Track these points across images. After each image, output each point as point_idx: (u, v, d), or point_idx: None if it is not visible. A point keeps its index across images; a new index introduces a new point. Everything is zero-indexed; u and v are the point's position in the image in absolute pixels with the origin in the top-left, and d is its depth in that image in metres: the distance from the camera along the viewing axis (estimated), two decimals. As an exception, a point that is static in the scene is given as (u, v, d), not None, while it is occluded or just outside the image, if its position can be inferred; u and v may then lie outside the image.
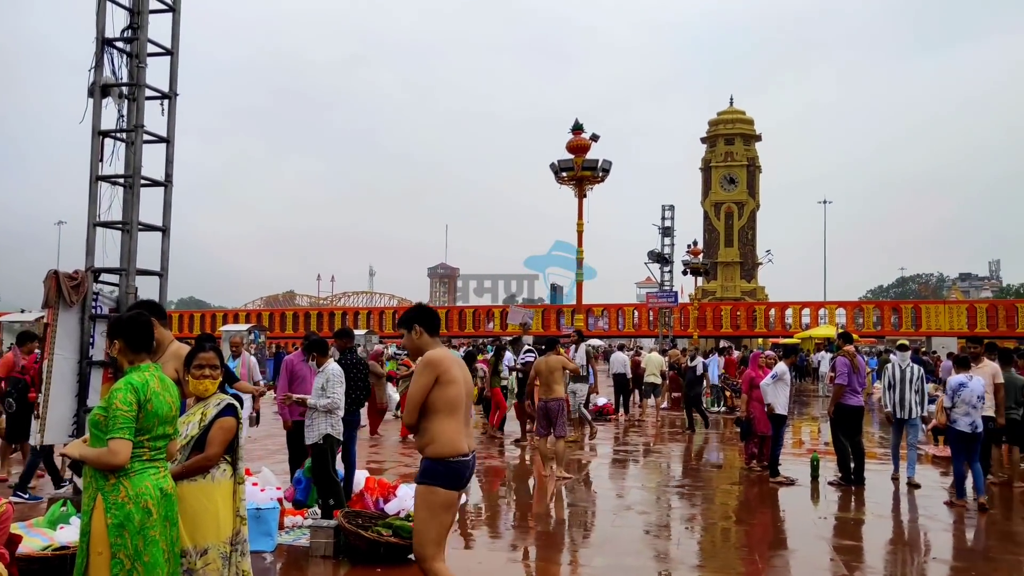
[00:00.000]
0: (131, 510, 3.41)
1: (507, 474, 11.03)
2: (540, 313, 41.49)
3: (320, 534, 6.45)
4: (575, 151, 18.36)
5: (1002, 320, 34.78)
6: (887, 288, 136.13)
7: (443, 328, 42.71)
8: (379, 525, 6.49)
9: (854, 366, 10.11)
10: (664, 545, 7.21)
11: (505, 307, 43.93)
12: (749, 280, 54.38)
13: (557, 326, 39.30)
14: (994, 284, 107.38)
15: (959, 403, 8.99)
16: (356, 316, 47.83)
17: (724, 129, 55.32)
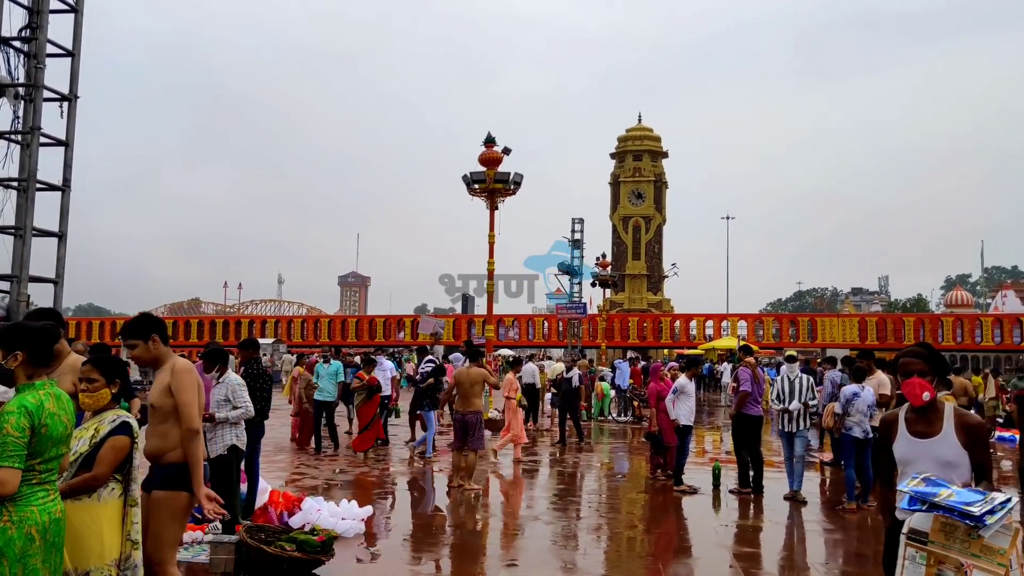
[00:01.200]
0: (13, 536, 3.18)
1: (417, 486, 10.97)
2: (451, 323, 41.45)
3: (220, 550, 6.24)
4: (487, 163, 18.46)
5: (890, 333, 36.66)
6: (785, 301, 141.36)
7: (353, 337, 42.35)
8: (283, 539, 6.31)
9: (755, 376, 10.48)
10: (571, 555, 7.30)
11: (416, 317, 43.69)
12: (655, 292, 55.61)
13: (468, 336, 39.33)
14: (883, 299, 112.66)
15: (853, 412, 9.39)
16: (264, 325, 46.71)
17: (632, 145, 56.52)
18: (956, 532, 3.13)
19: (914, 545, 3.24)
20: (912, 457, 3.63)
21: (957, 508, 3.10)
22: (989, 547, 3.05)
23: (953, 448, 3.56)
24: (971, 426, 3.61)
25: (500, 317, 38.04)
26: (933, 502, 3.18)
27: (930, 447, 3.60)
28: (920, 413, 3.68)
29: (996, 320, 37.68)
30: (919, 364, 3.69)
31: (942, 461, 3.55)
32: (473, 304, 54.91)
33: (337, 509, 7.79)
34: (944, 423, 3.62)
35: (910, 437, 3.67)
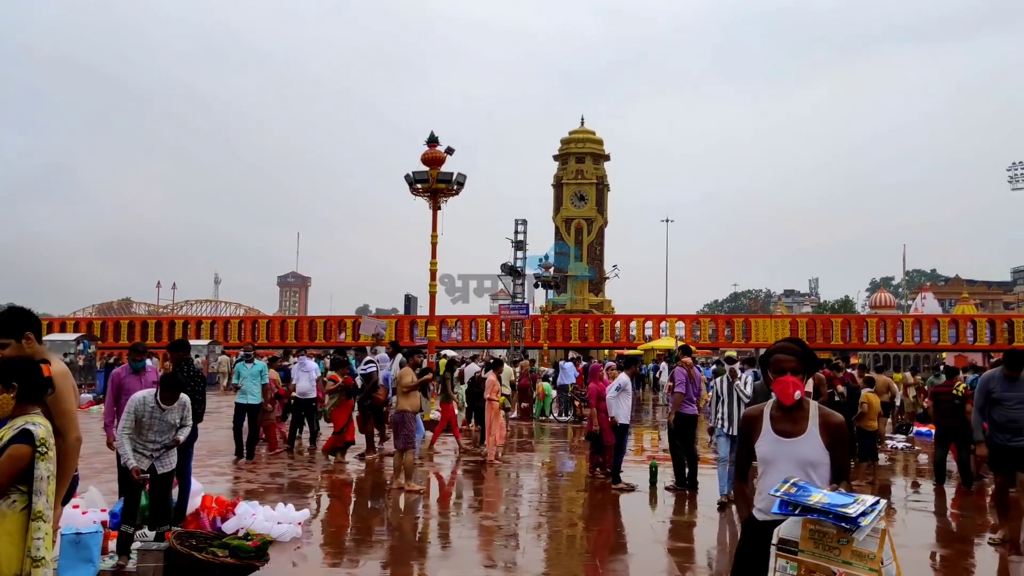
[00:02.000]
0: None
1: (356, 488, 10.94)
2: (393, 324, 41.22)
3: (148, 558, 6.03)
4: (430, 163, 18.45)
5: (819, 333, 37.73)
6: (722, 303, 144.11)
7: (292, 338, 41.78)
8: (215, 545, 6.19)
9: (691, 376, 10.73)
10: (511, 554, 7.38)
11: (357, 317, 43.32)
12: (597, 294, 56.13)
13: (411, 337, 39.13)
14: (813, 300, 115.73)
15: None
16: (199, 326, 45.75)
17: (575, 148, 56.94)
18: (826, 539, 3.04)
19: (784, 555, 3.12)
20: (774, 456, 3.53)
21: (832, 511, 3.02)
22: (859, 552, 2.99)
23: (816, 448, 3.47)
24: (834, 426, 3.52)
25: (443, 318, 37.98)
26: (806, 505, 3.09)
27: (793, 447, 3.49)
28: (786, 412, 3.55)
29: (916, 321, 39.05)
30: (792, 362, 3.56)
31: (804, 461, 3.46)
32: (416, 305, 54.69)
33: (273, 513, 7.69)
34: (809, 423, 3.51)
35: (774, 436, 3.54)
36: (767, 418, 3.60)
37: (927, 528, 9.11)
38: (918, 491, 11.64)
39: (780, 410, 3.57)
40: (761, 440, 3.58)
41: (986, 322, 38.29)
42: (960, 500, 10.55)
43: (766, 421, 3.60)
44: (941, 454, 11.57)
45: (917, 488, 11.91)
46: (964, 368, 15.66)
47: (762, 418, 3.62)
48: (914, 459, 14.85)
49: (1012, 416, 7.42)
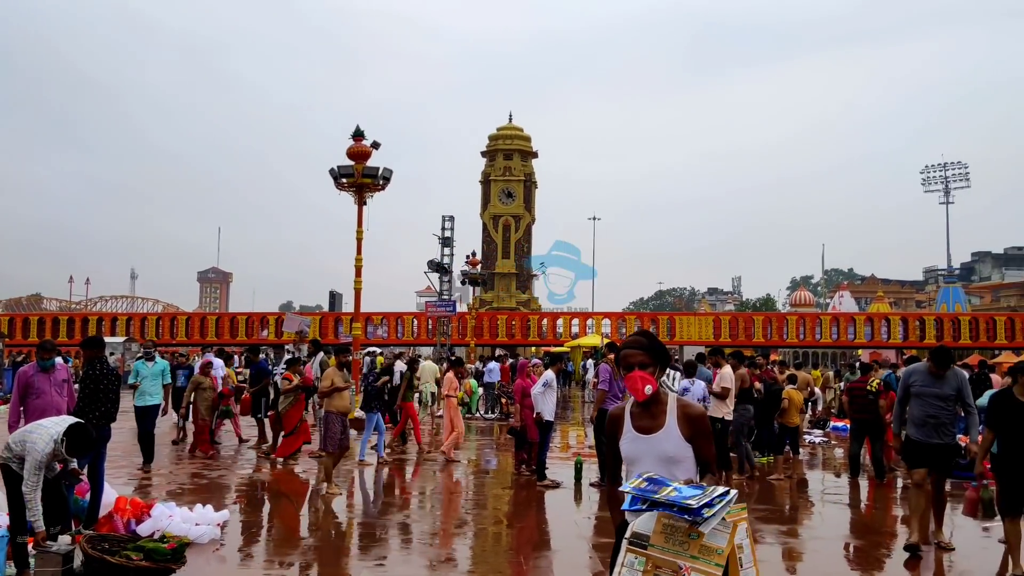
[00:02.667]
0: None
1: (278, 489, 10.69)
2: (317, 321, 40.55)
3: (48, 561, 5.70)
4: (355, 157, 18.16)
5: (741, 330, 38.68)
6: (647, 300, 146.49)
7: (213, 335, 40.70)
8: (129, 549, 5.96)
9: (616, 373, 10.81)
10: (436, 552, 7.32)
11: (281, 314, 42.48)
12: (524, 291, 56.34)
13: (335, 334, 38.57)
14: (736, 298, 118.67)
15: None
16: (114, 322, 44.15)
17: (503, 144, 56.97)
18: (677, 534, 2.97)
19: (634, 550, 3.05)
20: (636, 454, 3.42)
21: (676, 503, 2.95)
22: (708, 547, 2.92)
23: (676, 442, 3.37)
24: (693, 417, 3.41)
25: (368, 315, 37.51)
26: (654, 500, 3.02)
27: (653, 443, 3.39)
28: (643, 407, 3.44)
29: (834, 319, 40.39)
30: (640, 355, 3.43)
31: (665, 457, 3.36)
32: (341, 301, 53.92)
33: (191, 514, 7.46)
34: (667, 416, 3.41)
35: (635, 433, 3.44)
36: (628, 416, 3.50)
37: (842, 520, 9.38)
38: (835, 484, 12.00)
39: (638, 406, 3.47)
40: (624, 439, 3.48)
41: (899, 320, 39.81)
42: (873, 492, 10.90)
43: (627, 419, 3.49)
44: (856, 448, 11.94)
45: (832, 481, 12.27)
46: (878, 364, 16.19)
47: (624, 416, 3.52)
48: (831, 453, 15.32)
49: (930, 412, 7.22)
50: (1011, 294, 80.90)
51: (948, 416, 7.23)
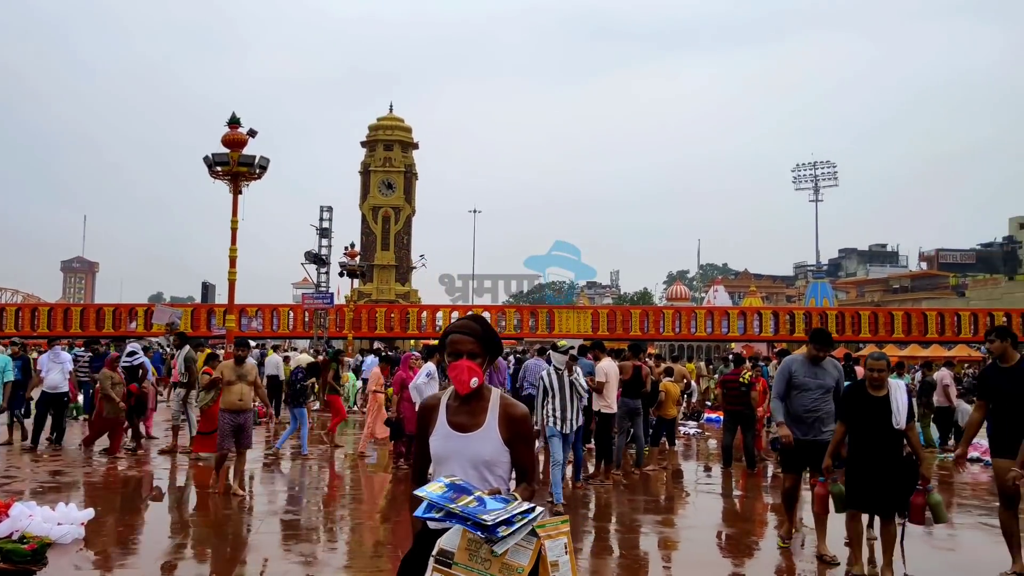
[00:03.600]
0: None
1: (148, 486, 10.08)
2: (189, 312, 38.83)
3: None
4: (231, 145, 17.44)
5: (619, 324, 39.59)
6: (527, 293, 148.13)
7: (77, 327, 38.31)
8: (-18, 551, 5.56)
9: (494, 367, 10.76)
10: (311, 548, 7.08)
11: (150, 305, 40.45)
12: (404, 283, 55.80)
13: (208, 326, 37.05)
14: (614, 292, 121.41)
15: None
16: (-38, 313, 40.85)
17: (383, 135, 56.20)
18: (481, 550, 2.68)
19: (440, 569, 2.74)
20: (448, 453, 3.04)
21: (471, 516, 2.64)
22: (509, 565, 2.66)
23: (494, 444, 3.03)
24: (516, 418, 3.07)
25: (242, 307, 36.20)
26: (448, 509, 2.70)
27: (468, 443, 3.02)
28: (463, 402, 3.06)
29: (708, 312, 41.92)
30: (471, 344, 3.06)
31: (480, 459, 3.01)
32: (214, 293, 51.93)
33: (52, 514, 6.96)
34: (487, 415, 3.05)
35: (449, 430, 3.05)
36: (443, 409, 3.11)
37: (715, 509, 9.65)
38: (708, 474, 12.37)
39: (457, 400, 3.09)
40: (435, 435, 3.09)
41: (771, 314, 41.67)
42: (745, 482, 11.28)
43: (442, 413, 3.10)
44: (728, 439, 12.33)
45: (707, 471, 12.65)
46: (750, 357, 16.80)
47: (438, 409, 3.12)
48: (704, 444, 15.82)
49: (810, 406, 6.78)
50: (875, 289, 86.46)
51: (828, 408, 6.81)
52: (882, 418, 6.00)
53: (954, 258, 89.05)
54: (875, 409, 6.05)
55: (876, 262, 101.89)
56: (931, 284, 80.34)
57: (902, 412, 5.99)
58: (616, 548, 7.51)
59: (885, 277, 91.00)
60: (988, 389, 6.48)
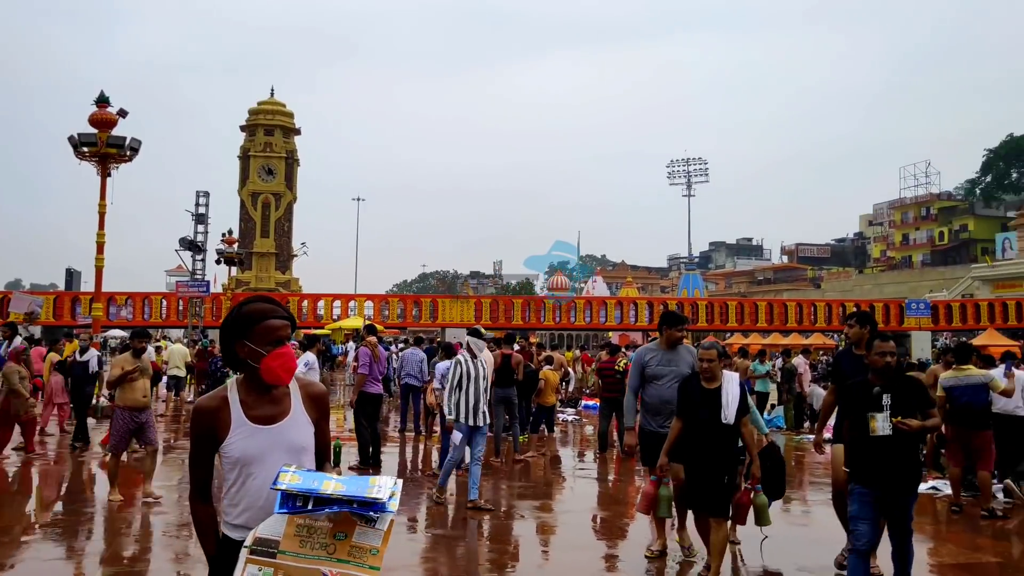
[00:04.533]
0: None
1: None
2: (51, 301, 36.67)
3: None
4: (99, 125, 16.63)
5: (501, 313, 40.00)
6: (411, 283, 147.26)
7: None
8: None
9: (375, 356, 10.78)
10: (183, 545, 6.92)
11: (7, 293, 37.95)
12: (284, 271, 54.53)
13: (73, 315, 35.10)
14: (497, 281, 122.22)
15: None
16: None
17: (264, 119, 54.65)
18: (316, 535, 2.48)
19: (259, 560, 2.47)
20: (258, 451, 2.73)
21: (358, 498, 2.48)
22: (359, 547, 2.49)
23: (305, 428, 2.84)
24: (318, 396, 2.92)
25: (111, 295, 34.49)
26: (320, 496, 2.48)
27: (281, 433, 2.78)
28: (262, 392, 2.80)
29: (587, 303, 42.90)
30: (288, 329, 2.85)
31: (297, 447, 2.79)
32: (79, 280, 49.18)
33: None
34: (292, 399, 2.85)
35: (253, 426, 2.74)
36: (236, 406, 2.78)
37: (591, 493, 10.01)
38: (583, 460, 12.77)
39: (252, 393, 2.81)
40: (233, 436, 2.74)
41: (646, 304, 43.02)
42: (619, 467, 11.71)
43: (235, 410, 2.77)
44: (604, 425, 12.76)
45: (583, 457, 13.06)
46: (626, 346, 17.41)
47: (227, 408, 2.78)
48: (581, 431, 16.28)
49: (667, 396, 6.35)
50: (741, 281, 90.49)
51: None
52: (714, 412, 5.64)
53: (811, 252, 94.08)
54: (707, 402, 5.69)
55: (743, 255, 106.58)
56: (791, 276, 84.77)
57: (731, 406, 5.65)
58: (495, 533, 7.70)
59: (751, 269, 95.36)
60: (840, 374, 6.44)
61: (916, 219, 73.72)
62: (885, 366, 5.16)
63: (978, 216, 68.78)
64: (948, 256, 67.35)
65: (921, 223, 73.02)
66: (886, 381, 5.16)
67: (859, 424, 5.17)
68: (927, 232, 71.88)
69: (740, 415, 5.71)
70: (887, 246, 78.37)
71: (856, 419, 5.23)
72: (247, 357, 2.78)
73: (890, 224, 78.57)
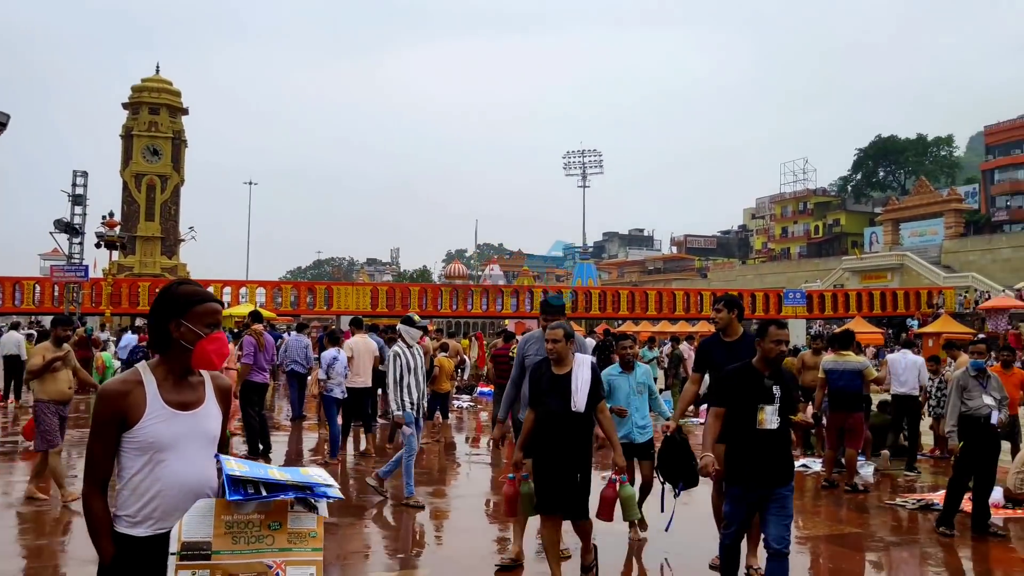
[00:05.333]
0: None
1: None
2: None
3: None
4: (-38, 97, 15.63)
5: (398, 301, 39.73)
6: (305, 269, 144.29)
7: None
8: None
9: (260, 344, 10.54)
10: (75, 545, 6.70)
11: None
12: (171, 256, 52.48)
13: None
14: (394, 269, 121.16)
15: (333, 374, 10.57)
16: None
17: (149, 97, 52.26)
18: (250, 529, 2.45)
19: (191, 565, 2.39)
20: (175, 438, 2.61)
21: (306, 483, 2.53)
22: (298, 533, 2.50)
23: (217, 419, 2.78)
24: (225, 389, 2.86)
25: (-24, 279, 32.44)
26: (273, 482, 2.49)
27: (197, 420, 2.70)
28: (181, 377, 2.72)
29: (484, 290, 43.15)
30: (221, 313, 2.87)
31: (210, 437, 2.73)
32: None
33: None
34: (205, 388, 2.79)
35: (171, 410, 2.64)
36: (152, 389, 2.66)
37: (485, 479, 10.16)
38: (478, 446, 12.93)
39: (169, 376, 2.70)
40: (148, 419, 2.61)
41: (541, 292, 43.55)
42: (511, 451, 11.89)
43: (151, 392, 2.65)
44: (498, 411, 12.93)
45: (477, 443, 13.21)
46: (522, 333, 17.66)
47: (143, 389, 2.64)
48: (476, 417, 16.44)
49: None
50: (633, 270, 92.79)
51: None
52: (564, 400, 5.06)
53: (699, 243, 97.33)
54: (556, 389, 5.11)
55: (635, 245, 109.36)
56: (680, 266, 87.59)
57: (581, 392, 5.06)
58: (390, 520, 7.74)
59: (642, 259, 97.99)
60: (706, 363, 6.03)
61: (795, 213, 77.33)
62: (779, 355, 4.75)
63: (849, 211, 72.77)
64: (822, 248, 71.00)
65: (799, 217, 76.64)
66: (774, 370, 4.77)
67: (743, 417, 4.70)
68: (804, 226, 75.50)
69: (593, 402, 5.14)
70: (768, 238, 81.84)
71: (740, 411, 4.73)
72: (181, 337, 2.70)
73: (771, 218, 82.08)
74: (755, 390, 4.70)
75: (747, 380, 4.76)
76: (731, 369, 4.92)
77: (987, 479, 7.47)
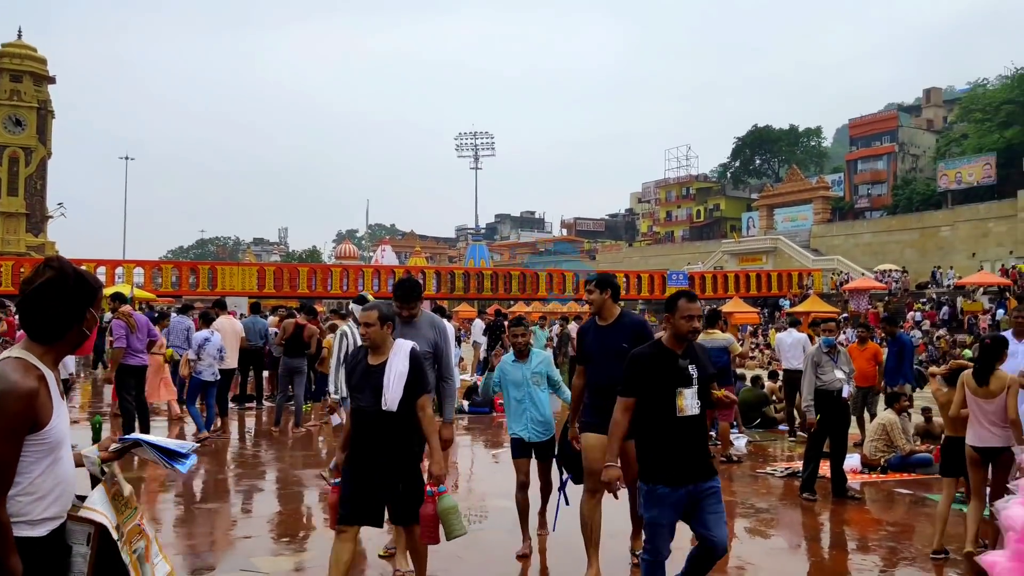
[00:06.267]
0: None
1: None
2: None
3: None
4: None
5: (286, 281, 38.86)
6: (187, 249, 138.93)
7: None
8: None
9: (131, 326, 9.95)
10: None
11: None
12: (37, 234, 49.51)
13: None
14: (282, 249, 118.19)
15: (204, 356, 10.60)
16: None
17: (11, 64, 48.86)
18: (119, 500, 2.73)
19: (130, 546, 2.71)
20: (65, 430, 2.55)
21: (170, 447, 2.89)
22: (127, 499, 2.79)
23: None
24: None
25: None
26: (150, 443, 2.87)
27: (66, 409, 2.64)
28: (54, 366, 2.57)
29: (376, 271, 42.71)
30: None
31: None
32: None
33: None
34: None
35: (62, 403, 2.55)
36: (52, 383, 2.53)
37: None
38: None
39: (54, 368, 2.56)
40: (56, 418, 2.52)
41: (434, 273, 43.44)
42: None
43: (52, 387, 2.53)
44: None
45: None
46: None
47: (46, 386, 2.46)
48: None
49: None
50: (524, 252, 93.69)
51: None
52: (376, 394, 4.30)
53: (588, 226, 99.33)
54: (368, 381, 4.37)
55: (526, 227, 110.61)
56: (570, 248, 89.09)
57: (394, 388, 4.26)
58: (276, 504, 7.69)
59: (533, 241, 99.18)
60: (583, 351, 5.38)
61: (678, 198, 79.84)
62: (692, 331, 4.16)
63: (728, 197, 75.70)
64: (704, 232, 73.67)
65: (682, 202, 79.19)
66: (687, 348, 4.20)
67: (660, 404, 4.10)
68: (687, 210, 78.09)
69: (410, 398, 4.29)
70: (653, 222, 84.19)
71: (656, 399, 4.13)
72: (87, 326, 2.58)
73: (656, 202, 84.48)
74: (670, 373, 4.10)
75: (660, 363, 4.14)
76: (640, 352, 4.27)
77: (840, 447, 8.10)
